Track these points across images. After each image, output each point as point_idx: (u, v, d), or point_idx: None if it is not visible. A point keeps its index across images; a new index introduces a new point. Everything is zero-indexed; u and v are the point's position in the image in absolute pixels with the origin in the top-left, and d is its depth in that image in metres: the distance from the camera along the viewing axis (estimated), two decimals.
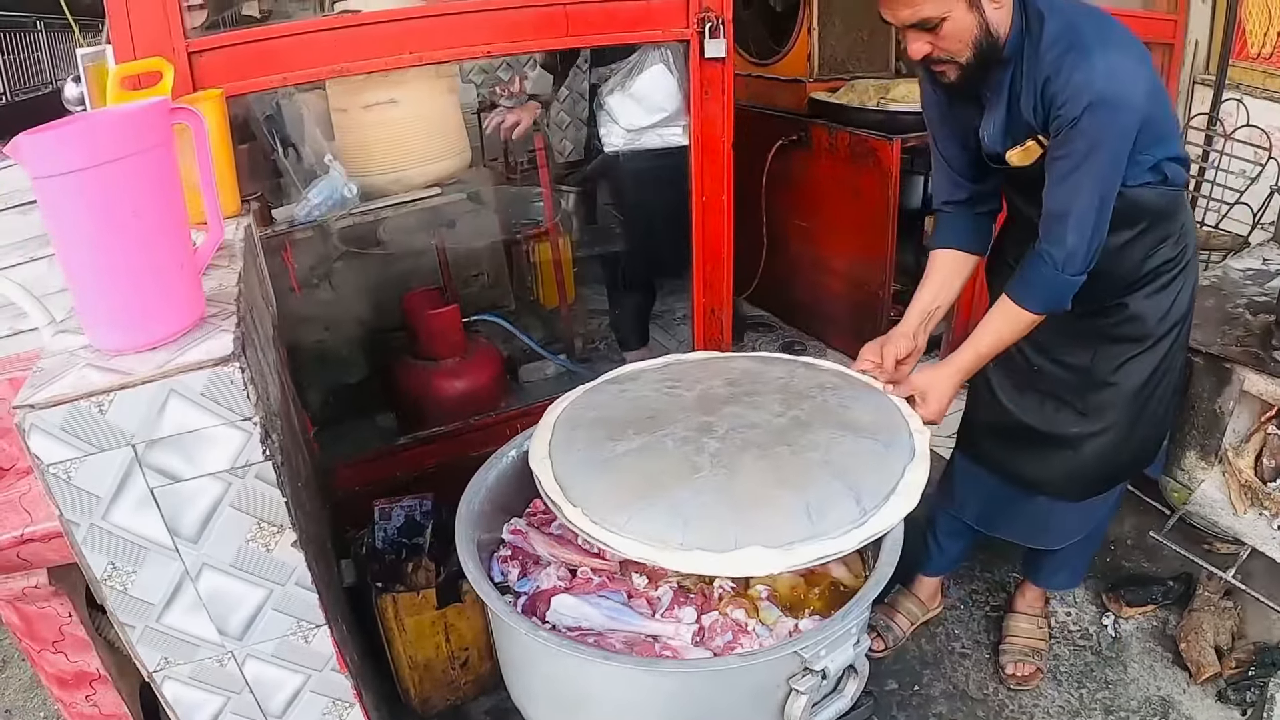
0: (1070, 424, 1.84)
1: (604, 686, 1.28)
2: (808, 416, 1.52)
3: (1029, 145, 1.60)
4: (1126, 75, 1.45)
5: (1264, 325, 2.36)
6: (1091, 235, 1.54)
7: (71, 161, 1.01)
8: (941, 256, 1.85)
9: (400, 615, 1.88)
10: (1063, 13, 1.53)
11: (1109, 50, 1.46)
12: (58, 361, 1.13)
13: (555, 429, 1.56)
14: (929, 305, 1.82)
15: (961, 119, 1.73)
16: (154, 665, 1.27)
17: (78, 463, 1.08)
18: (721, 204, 2.33)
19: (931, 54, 1.53)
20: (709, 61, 2.16)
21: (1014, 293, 1.65)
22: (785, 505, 1.31)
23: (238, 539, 1.19)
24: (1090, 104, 1.44)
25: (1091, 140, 1.46)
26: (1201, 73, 3.49)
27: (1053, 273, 1.58)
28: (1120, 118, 1.46)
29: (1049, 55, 1.50)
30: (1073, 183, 1.51)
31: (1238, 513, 2.22)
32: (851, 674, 1.32)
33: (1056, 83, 1.48)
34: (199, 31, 2.01)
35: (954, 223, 1.84)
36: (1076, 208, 1.52)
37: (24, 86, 7.35)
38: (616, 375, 1.77)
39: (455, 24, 1.97)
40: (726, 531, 1.28)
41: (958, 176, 1.81)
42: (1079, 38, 1.48)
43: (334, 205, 2.10)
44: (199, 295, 1.17)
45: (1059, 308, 1.63)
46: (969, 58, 1.53)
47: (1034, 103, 1.55)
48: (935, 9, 1.47)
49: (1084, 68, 1.45)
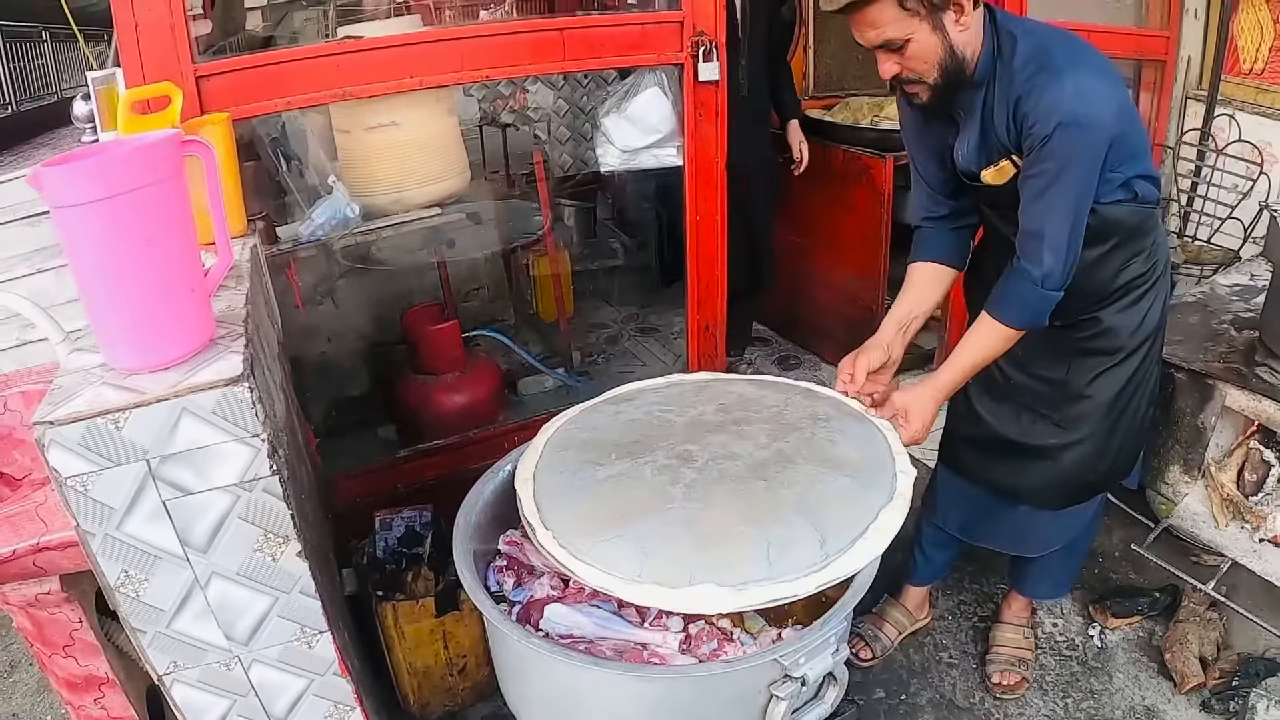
0: (1047, 435, 1.88)
1: (594, 692, 1.33)
2: (792, 450, 1.53)
3: (1003, 165, 1.65)
4: (1096, 96, 1.50)
5: (1248, 341, 2.40)
6: (1067, 251, 1.58)
7: (89, 193, 1.07)
8: (920, 269, 1.89)
9: (400, 623, 1.93)
10: (1034, 35, 1.57)
11: (1079, 71, 1.50)
12: (75, 379, 1.19)
13: (545, 450, 1.61)
14: (905, 317, 1.85)
15: (937, 137, 1.77)
16: (164, 669, 1.33)
17: (94, 476, 1.13)
18: (715, 223, 2.39)
19: (901, 74, 1.58)
20: (702, 84, 2.22)
21: (994, 310, 1.68)
22: (747, 543, 1.32)
23: (245, 549, 1.25)
24: (1061, 124, 1.48)
25: (1063, 159, 1.51)
26: (1194, 88, 3.55)
27: (1031, 289, 1.62)
28: (1090, 136, 1.50)
29: (1021, 76, 1.55)
30: (1046, 201, 1.55)
31: (1220, 526, 2.27)
32: (831, 681, 1.37)
33: (1028, 103, 1.53)
34: (206, 56, 2.07)
35: (933, 238, 1.89)
36: (1051, 225, 1.57)
37: (29, 95, 7.41)
38: (614, 395, 1.81)
39: (455, 49, 2.02)
40: (684, 567, 1.29)
41: (936, 194, 1.85)
42: (1050, 59, 1.52)
43: (337, 225, 2.16)
44: (209, 317, 1.23)
45: (1038, 323, 1.67)
46: (936, 78, 1.58)
47: (1006, 122, 1.59)
48: (899, 30, 1.52)
49: (1054, 89, 1.49)
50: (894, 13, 1.50)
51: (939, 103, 1.64)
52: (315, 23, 3.43)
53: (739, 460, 1.50)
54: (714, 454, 1.52)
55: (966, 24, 1.54)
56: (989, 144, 1.65)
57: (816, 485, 1.44)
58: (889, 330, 1.83)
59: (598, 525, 1.37)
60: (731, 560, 1.30)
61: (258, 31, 3.29)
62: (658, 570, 1.29)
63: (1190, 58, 3.51)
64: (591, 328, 3.76)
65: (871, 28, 1.53)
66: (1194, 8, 3.42)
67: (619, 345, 3.70)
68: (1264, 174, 3.25)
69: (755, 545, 1.32)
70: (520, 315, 3.44)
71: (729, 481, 1.45)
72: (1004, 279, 1.67)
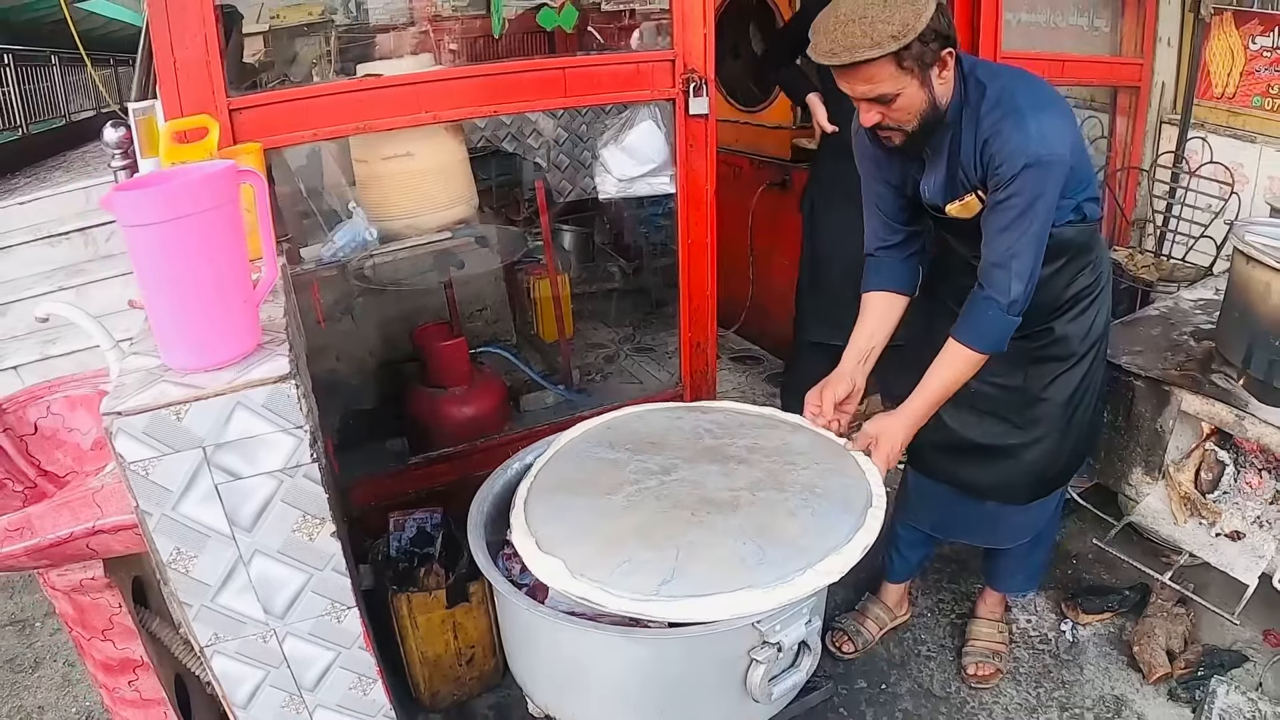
0: (1009, 436, 2.02)
1: (594, 657, 1.49)
2: (749, 492, 1.65)
3: (968, 200, 1.77)
4: (1055, 134, 1.64)
5: (1205, 351, 2.56)
6: (1030, 279, 1.71)
7: (159, 215, 1.24)
8: (875, 299, 1.97)
9: (413, 613, 2.08)
10: (999, 79, 1.70)
11: (1040, 113, 1.63)
12: (137, 378, 1.35)
13: (550, 461, 1.80)
14: (865, 347, 1.94)
15: (898, 171, 1.89)
16: (205, 640, 1.48)
17: (155, 461, 1.30)
18: (706, 246, 2.55)
19: (882, 122, 1.69)
20: (693, 118, 2.39)
21: (963, 337, 1.78)
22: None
23: (286, 529, 1.41)
24: (1027, 164, 1.61)
25: (1030, 196, 1.64)
26: (1168, 113, 3.69)
27: (1000, 315, 1.73)
28: (1053, 173, 1.64)
29: (988, 120, 1.67)
30: (1012, 234, 1.68)
31: (1178, 522, 2.42)
32: (806, 650, 1.52)
33: (994, 145, 1.65)
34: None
35: (886, 266, 1.97)
36: (1017, 257, 1.69)
37: (38, 119, 7.55)
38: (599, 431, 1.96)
39: (466, 86, 2.20)
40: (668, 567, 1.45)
41: (891, 222, 1.96)
42: (1014, 104, 1.65)
43: (356, 247, 2.33)
44: (256, 325, 1.40)
45: (1001, 347, 1.79)
46: (915, 126, 1.69)
47: (974, 161, 1.72)
48: (891, 87, 1.60)
49: (1020, 132, 1.62)
50: (891, 71, 1.58)
51: (911, 147, 1.75)
52: (316, 49, 3.59)
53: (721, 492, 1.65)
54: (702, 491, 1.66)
55: (947, 77, 1.67)
56: (955, 181, 1.78)
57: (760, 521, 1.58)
58: (850, 361, 1.94)
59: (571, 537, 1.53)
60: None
61: (257, 60, 3.42)
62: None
63: (1164, 83, 3.66)
64: (590, 347, 3.92)
65: (866, 83, 1.61)
66: (1167, 35, 3.59)
67: (616, 364, 3.85)
68: (1235, 194, 3.37)
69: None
70: (522, 335, 3.60)
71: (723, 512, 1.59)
72: (971, 308, 1.77)
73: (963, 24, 2.96)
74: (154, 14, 1.81)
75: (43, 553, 1.48)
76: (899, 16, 1.53)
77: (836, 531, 1.54)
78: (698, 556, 1.47)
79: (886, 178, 1.93)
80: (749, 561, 1.46)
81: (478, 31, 3.70)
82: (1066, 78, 3.50)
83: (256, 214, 1.40)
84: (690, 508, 1.60)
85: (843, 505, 1.61)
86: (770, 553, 1.48)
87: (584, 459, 1.81)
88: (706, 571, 1.44)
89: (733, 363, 4.13)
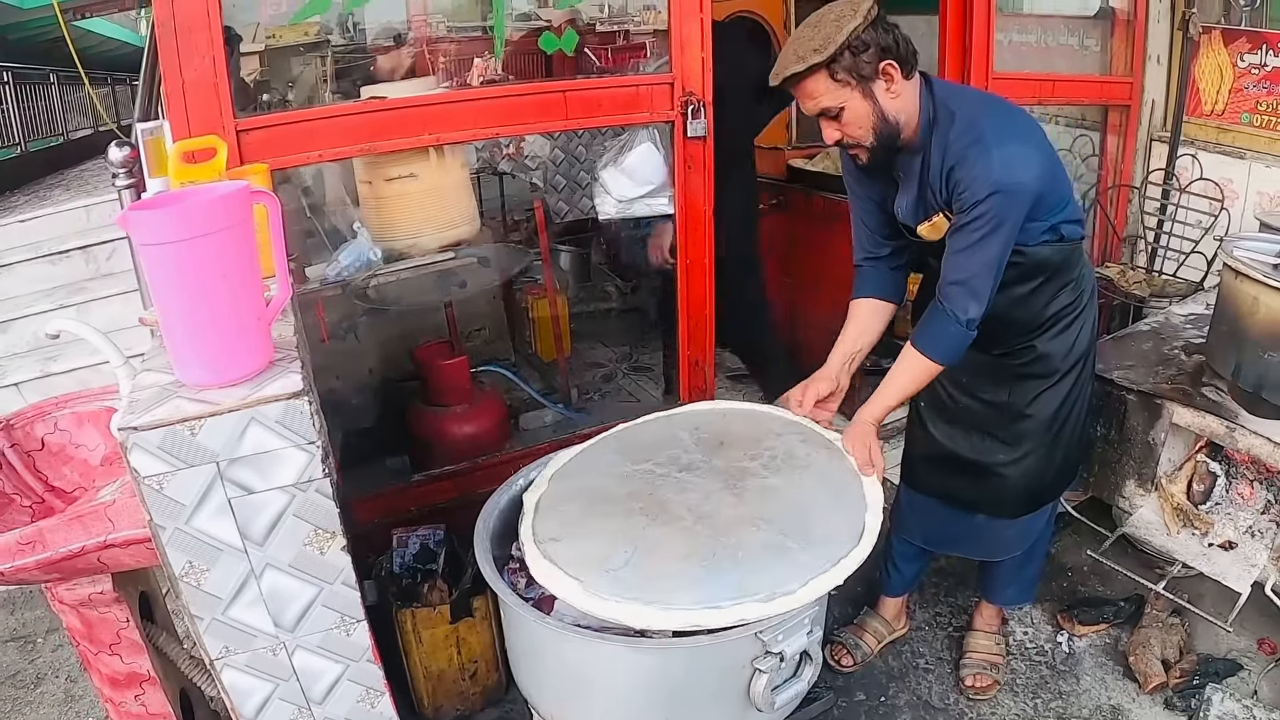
0: (996, 452, 2.06)
1: (599, 668, 1.51)
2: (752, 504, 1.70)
3: (936, 221, 1.84)
4: (1020, 163, 1.70)
5: (1196, 364, 2.60)
6: (987, 298, 1.78)
7: (175, 234, 1.27)
8: (861, 305, 2.06)
9: (418, 628, 2.10)
10: (969, 108, 1.77)
11: (1005, 143, 1.70)
12: (151, 394, 1.38)
13: (552, 481, 1.84)
14: (850, 350, 2.03)
15: (879, 190, 1.97)
16: (216, 653, 1.50)
17: (170, 476, 1.32)
18: (704, 266, 2.58)
19: (841, 139, 1.78)
20: (691, 140, 2.42)
21: (920, 345, 1.85)
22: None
23: (297, 543, 1.44)
24: (991, 193, 1.68)
25: (992, 222, 1.70)
26: (1158, 130, 3.74)
27: (958, 329, 1.80)
28: (1016, 200, 1.70)
29: (956, 147, 1.74)
30: (971, 256, 1.75)
31: (1171, 533, 2.45)
32: (808, 660, 1.55)
33: (960, 171, 1.72)
34: None
35: (872, 276, 2.07)
36: (977, 277, 1.76)
37: (36, 137, 7.57)
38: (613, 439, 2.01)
39: (469, 109, 2.23)
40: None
41: (875, 236, 2.05)
42: (982, 134, 1.71)
43: (361, 266, 2.36)
44: (269, 342, 1.43)
45: (956, 359, 1.85)
46: (871, 141, 1.77)
47: (940, 185, 1.79)
48: (832, 100, 1.71)
49: (985, 161, 1.68)
50: (827, 84, 1.69)
51: (877, 163, 1.84)
52: (313, 69, 3.62)
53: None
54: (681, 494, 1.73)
55: (897, 91, 1.73)
56: (925, 202, 1.85)
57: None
58: (835, 363, 2.03)
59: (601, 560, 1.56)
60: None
61: (253, 79, 3.44)
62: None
63: (1154, 101, 3.71)
64: (588, 366, 3.95)
65: (809, 98, 1.73)
66: (1156, 54, 3.64)
67: (614, 382, 3.88)
68: (1225, 209, 3.41)
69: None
70: (520, 355, 3.63)
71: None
72: (930, 319, 1.84)
73: (955, 45, 3.01)
74: (163, 35, 1.84)
75: (54, 566, 1.50)
76: (822, 33, 1.66)
77: (837, 542, 1.57)
78: (695, 564, 1.51)
79: (869, 194, 2.01)
80: (755, 568, 1.49)
81: (480, 53, 3.74)
82: (1058, 97, 3.55)
83: (269, 234, 1.43)
84: (694, 518, 1.63)
85: (842, 514, 1.65)
86: (773, 561, 1.51)
87: (593, 471, 1.85)
88: (708, 578, 1.47)
89: (730, 380, 4.16)
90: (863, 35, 1.65)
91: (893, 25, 1.71)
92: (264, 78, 3.49)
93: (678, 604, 1.43)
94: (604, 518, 1.66)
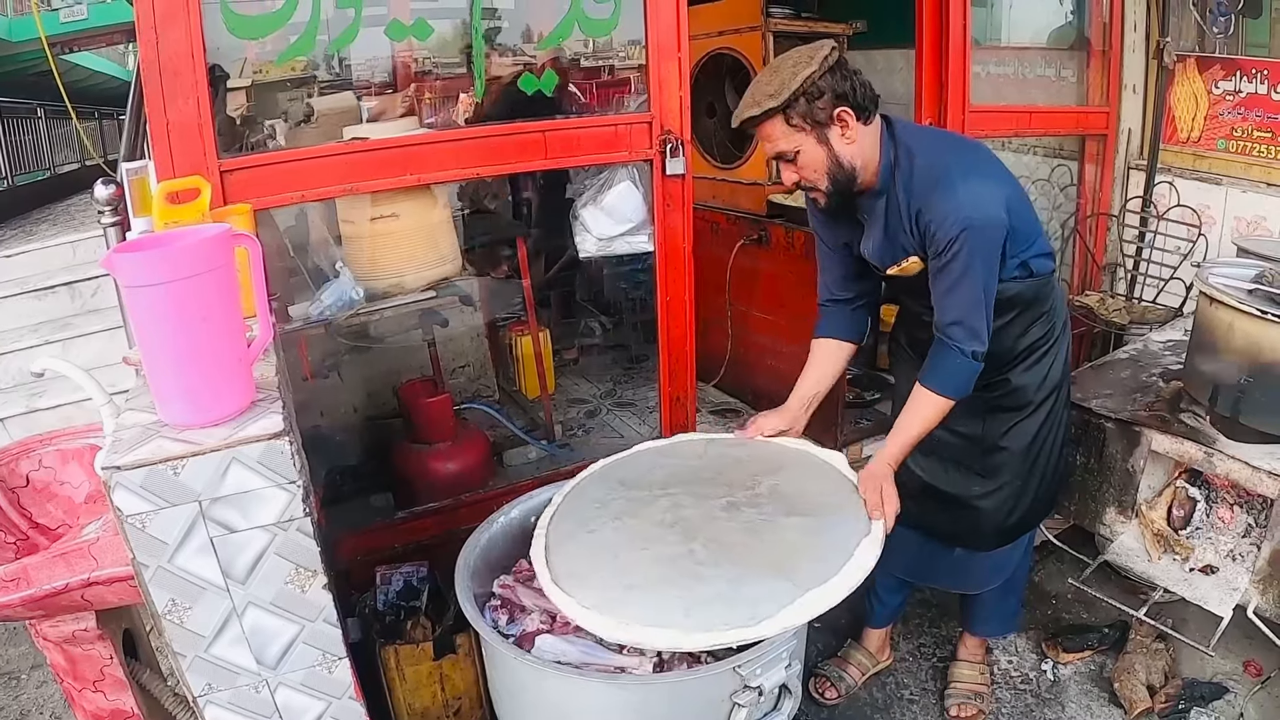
0: (971, 484, 2.09)
1: (580, 704, 1.51)
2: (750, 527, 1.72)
3: (908, 264, 1.88)
4: (987, 198, 1.74)
5: (1174, 391, 2.63)
6: (985, 326, 1.81)
7: (158, 276, 1.29)
8: (823, 345, 2.11)
9: (401, 665, 2.10)
10: (930, 149, 1.81)
11: (970, 180, 1.74)
12: (134, 433, 1.39)
13: (566, 499, 1.87)
14: (809, 392, 2.08)
15: (844, 233, 2.01)
16: (199, 690, 1.50)
17: (153, 515, 1.34)
18: (684, 302, 2.60)
19: (800, 181, 1.82)
20: (670, 178, 2.46)
21: (932, 383, 1.86)
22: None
23: (279, 581, 1.45)
24: (962, 229, 1.71)
25: (968, 258, 1.74)
26: (1135, 159, 3.79)
27: (966, 362, 1.83)
28: (988, 233, 1.74)
29: (919, 189, 1.78)
30: (959, 293, 1.78)
31: (1153, 559, 2.47)
32: (787, 694, 1.55)
33: (927, 215, 1.76)
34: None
35: (835, 316, 2.11)
36: (970, 313, 1.79)
37: (23, 171, 7.55)
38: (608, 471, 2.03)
39: (450, 149, 2.26)
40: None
41: (842, 279, 2.08)
42: (945, 174, 1.75)
43: (343, 306, 2.38)
44: (251, 382, 1.44)
45: (968, 391, 1.87)
46: (827, 185, 1.81)
47: (909, 228, 1.83)
48: (788, 144, 1.75)
49: (951, 201, 1.72)
50: (782, 129, 1.73)
51: (836, 207, 1.87)
52: (299, 103, 3.64)
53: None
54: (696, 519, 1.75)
55: (852, 138, 1.77)
56: (895, 245, 1.88)
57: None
58: (795, 404, 2.08)
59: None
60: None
61: (239, 114, 3.46)
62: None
63: (1131, 130, 3.77)
64: (571, 402, 3.96)
65: (767, 140, 1.78)
66: (1132, 83, 3.71)
67: (598, 418, 3.89)
68: (1203, 235, 3.45)
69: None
70: (504, 392, 3.64)
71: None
72: (936, 356, 1.86)
73: (931, 79, 3.07)
74: (148, 77, 1.86)
75: (38, 603, 1.51)
76: (779, 79, 1.70)
77: (828, 562, 1.60)
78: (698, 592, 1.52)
79: (836, 238, 2.04)
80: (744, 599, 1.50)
81: (459, 91, 3.77)
82: (1035, 128, 3.61)
83: (251, 275, 1.45)
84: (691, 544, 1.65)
85: (839, 546, 1.67)
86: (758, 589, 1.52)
87: (594, 500, 1.88)
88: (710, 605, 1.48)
89: (713, 415, 4.17)
90: (818, 82, 1.69)
91: (853, 71, 1.75)
92: (250, 113, 3.51)
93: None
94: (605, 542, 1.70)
